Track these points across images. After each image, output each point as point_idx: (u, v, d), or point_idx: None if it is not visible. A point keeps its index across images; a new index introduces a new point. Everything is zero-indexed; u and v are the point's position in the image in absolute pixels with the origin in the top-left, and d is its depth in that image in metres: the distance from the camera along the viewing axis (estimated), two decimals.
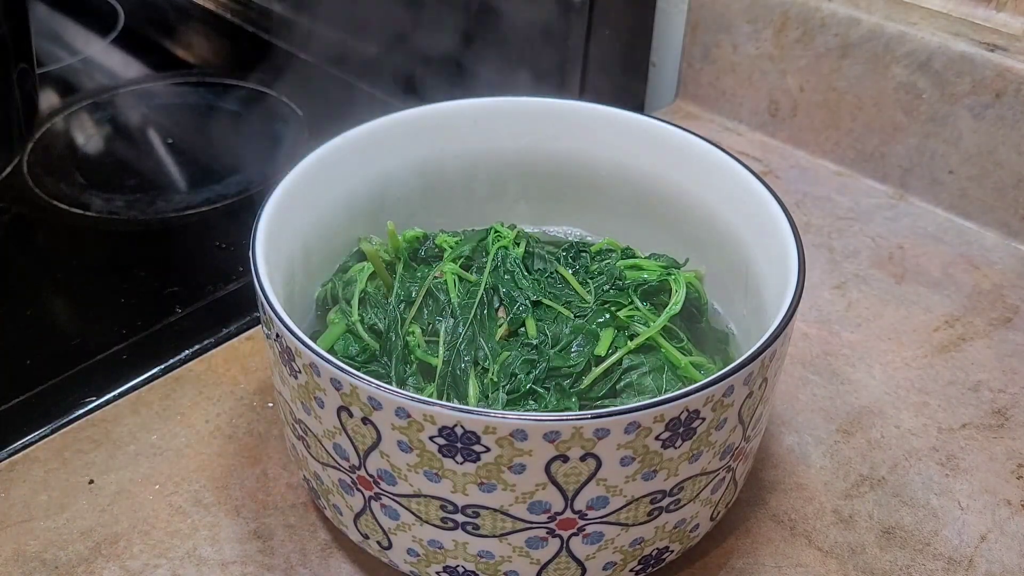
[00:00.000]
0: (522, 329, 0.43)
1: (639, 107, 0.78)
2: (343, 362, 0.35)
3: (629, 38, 0.74)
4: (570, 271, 0.46)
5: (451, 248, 0.47)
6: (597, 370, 0.41)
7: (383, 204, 0.50)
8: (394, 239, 0.47)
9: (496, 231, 0.48)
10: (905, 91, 0.64)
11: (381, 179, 0.49)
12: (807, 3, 0.67)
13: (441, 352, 0.42)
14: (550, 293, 0.44)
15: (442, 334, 0.42)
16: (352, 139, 0.47)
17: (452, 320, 0.43)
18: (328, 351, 0.36)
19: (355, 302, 0.45)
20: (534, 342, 0.42)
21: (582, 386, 0.41)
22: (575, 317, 0.43)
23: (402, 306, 0.44)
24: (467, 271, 0.45)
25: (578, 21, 0.69)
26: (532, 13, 0.69)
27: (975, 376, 0.53)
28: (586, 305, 0.44)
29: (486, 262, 0.45)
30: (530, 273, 0.45)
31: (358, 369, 0.35)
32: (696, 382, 0.35)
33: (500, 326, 0.43)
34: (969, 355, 0.54)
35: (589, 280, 0.45)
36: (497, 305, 0.44)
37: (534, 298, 0.43)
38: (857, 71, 0.66)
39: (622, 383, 0.41)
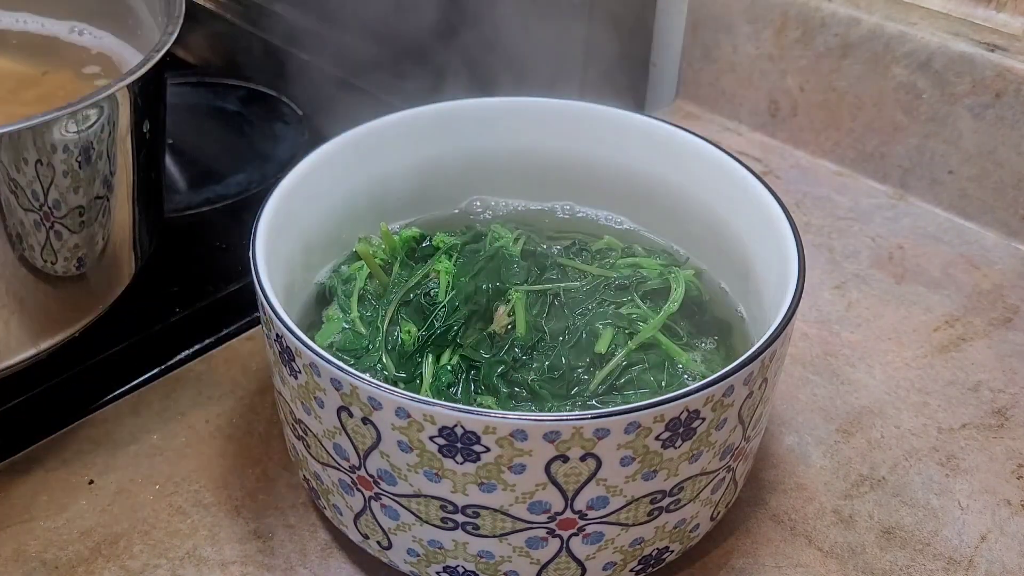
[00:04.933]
0: (520, 329, 0.43)
1: (639, 107, 0.78)
2: (341, 360, 0.35)
3: (629, 38, 0.74)
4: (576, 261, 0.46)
5: (448, 247, 0.47)
6: (601, 373, 0.41)
7: (383, 204, 0.50)
8: (389, 239, 0.47)
9: (495, 232, 0.48)
10: (905, 91, 0.64)
11: (381, 179, 0.49)
12: (807, 3, 0.67)
13: (419, 341, 0.42)
14: (547, 292, 0.44)
15: (428, 329, 0.43)
16: (352, 139, 0.47)
17: (443, 316, 0.43)
18: (326, 347, 0.36)
19: (354, 300, 0.45)
20: (533, 341, 0.42)
21: (588, 388, 0.41)
22: (574, 314, 0.43)
23: (395, 304, 0.44)
24: (463, 269, 0.45)
25: (578, 21, 0.69)
26: (532, 13, 0.69)
27: (975, 376, 0.53)
28: (585, 300, 0.44)
29: (481, 260, 0.45)
30: (527, 271, 0.45)
31: (352, 365, 0.35)
32: (696, 377, 0.35)
33: (499, 324, 0.43)
34: (969, 355, 0.54)
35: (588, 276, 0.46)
36: (497, 304, 0.44)
37: (531, 292, 0.44)
38: (857, 71, 0.66)
39: (622, 379, 0.41)
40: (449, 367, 0.42)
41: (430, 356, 0.42)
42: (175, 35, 0.47)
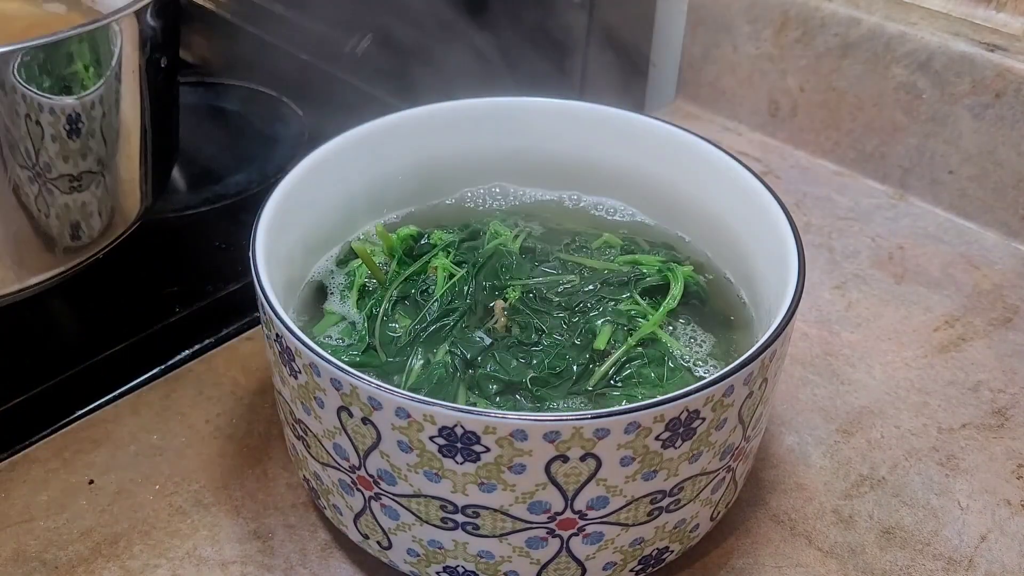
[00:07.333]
0: (518, 326, 0.43)
1: (639, 107, 0.78)
2: (340, 358, 0.35)
3: (629, 38, 0.74)
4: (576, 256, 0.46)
5: (445, 244, 0.47)
6: (600, 370, 0.41)
7: (382, 204, 0.50)
8: (386, 238, 0.47)
9: (493, 229, 0.48)
10: (905, 91, 0.64)
11: (381, 179, 0.49)
12: (807, 3, 0.67)
13: (410, 339, 0.42)
14: (546, 289, 0.44)
15: (420, 327, 0.43)
16: (352, 139, 0.47)
17: (438, 311, 0.43)
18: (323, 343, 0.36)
19: (353, 296, 0.45)
20: (532, 338, 0.42)
21: (587, 386, 0.41)
22: (572, 311, 0.43)
23: (392, 300, 0.44)
24: (461, 266, 0.45)
25: (578, 21, 0.69)
26: (532, 13, 0.69)
27: (975, 376, 0.53)
28: (583, 297, 0.44)
29: (479, 257, 0.45)
30: (525, 268, 0.45)
31: (352, 363, 0.35)
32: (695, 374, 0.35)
33: (496, 321, 0.43)
34: (969, 355, 0.54)
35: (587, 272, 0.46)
36: (495, 301, 0.44)
37: (530, 289, 0.44)
38: (857, 71, 0.66)
39: (621, 376, 0.41)
40: (443, 363, 0.41)
41: (420, 350, 0.42)
42: None
